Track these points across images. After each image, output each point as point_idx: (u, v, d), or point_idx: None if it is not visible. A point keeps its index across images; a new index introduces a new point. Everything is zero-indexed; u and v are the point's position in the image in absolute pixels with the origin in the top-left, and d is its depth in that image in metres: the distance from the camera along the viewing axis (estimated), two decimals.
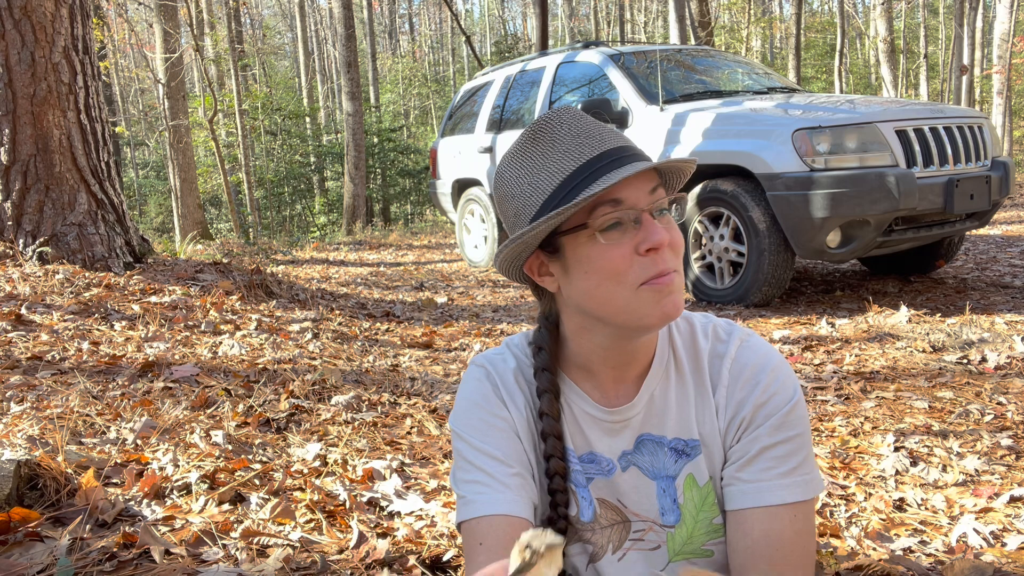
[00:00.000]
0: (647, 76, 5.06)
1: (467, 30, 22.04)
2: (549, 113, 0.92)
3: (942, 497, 1.86)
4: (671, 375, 0.98)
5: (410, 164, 19.69)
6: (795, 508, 0.91)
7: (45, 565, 1.40)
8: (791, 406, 0.93)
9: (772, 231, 3.96)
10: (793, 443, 0.92)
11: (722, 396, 0.95)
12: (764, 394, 0.93)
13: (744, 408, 0.94)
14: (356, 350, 3.55)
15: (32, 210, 4.14)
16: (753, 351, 0.96)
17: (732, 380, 0.95)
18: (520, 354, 1.03)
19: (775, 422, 0.92)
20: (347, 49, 12.82)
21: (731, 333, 0.98)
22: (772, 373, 0.94)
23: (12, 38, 4.04)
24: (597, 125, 0.91)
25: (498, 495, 0.92)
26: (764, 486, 0.91)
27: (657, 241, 0.86)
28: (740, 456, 0.93)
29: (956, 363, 2.93)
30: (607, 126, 0.92)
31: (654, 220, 0.87)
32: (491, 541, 0.89)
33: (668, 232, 0.88)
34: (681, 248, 0.90)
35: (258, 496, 1.80)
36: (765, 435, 0.92)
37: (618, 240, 0.87)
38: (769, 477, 0.91)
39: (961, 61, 15.36)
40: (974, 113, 4.27)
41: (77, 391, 2.45)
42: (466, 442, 0.97)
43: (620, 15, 32.26)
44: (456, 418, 1.00)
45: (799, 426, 0.93)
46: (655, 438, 0.98)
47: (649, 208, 0.87)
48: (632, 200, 0.86)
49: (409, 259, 7.78)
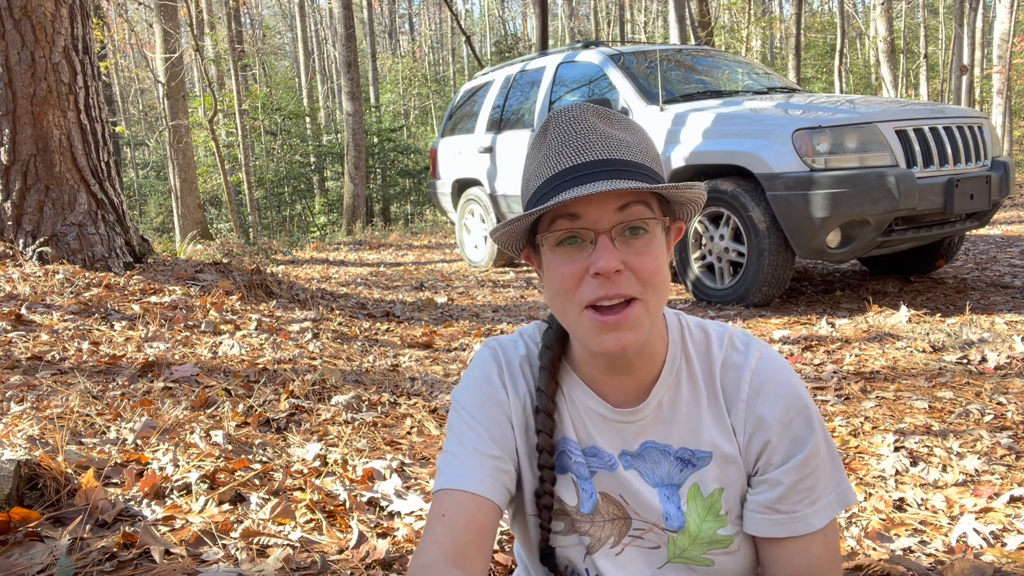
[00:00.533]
0: (647, 76, 5.06)
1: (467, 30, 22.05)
2: (556, 111, 0.92)
3: (942, 497, 1.86)
4: (682, 383, 0.96)
5: (410, 164, 19.69)
6: (825, 532, 0.93)
7: (45, 565, 1.40)
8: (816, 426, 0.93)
9: (772, 231, 3.96)
10: (820, 471, 0.92)
11: (741, 409, 0.94)
12: (787, 415, 0.92)
13: (766, 426, 0.93)
14: (356, 350, 3.55)
15: (32, 210, 4.14)
16: (772, 366, 0.95)
17: (752, 393, 0.94)
18: (531, 343, 1.03)
19: (804, 456, 0.92)
20: (347, 49, 12.82)
21: (748, 344, 0.97)
22: (790, 389, 0.93)
23: (12, 38, 4.04)
24: (590, 131, 0.88)
25: (471, 473, 0.92)
26: (799, 516, 0.92)
27: (601, 267, 0.83)
28: (773, 486, 0.93)
29: (956, 363, 2.93)
30: (606, 131, 0.88)
31: (611, 243, 0.84)
32: (452, 515, 0.89)
33: (636, 257, 0.85)
34: (651, 275, 0.85)
35: (258, 496, 1.80)
36: (793, 467, 0.92)
37: (572, 256, 0.86)
38: (802, 507, 0.92)
39: (961, 61, 15.36)
40: (974, 113, 4.27)
41: (77, 391, 2.44)
42: (458, 414, 0.98)
43: (620, 15, 32.27)
44: (458, 391, 1.02)
45: (821, 449, 0.93)
46: (660, 446, 0.97)
47: (610, 228, 0.84)
48: (592, 218, 0.84)
49: (409, 259, 7.78)
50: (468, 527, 0.88)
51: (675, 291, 4.90)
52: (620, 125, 0.90)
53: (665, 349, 0.97)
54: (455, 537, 0.87)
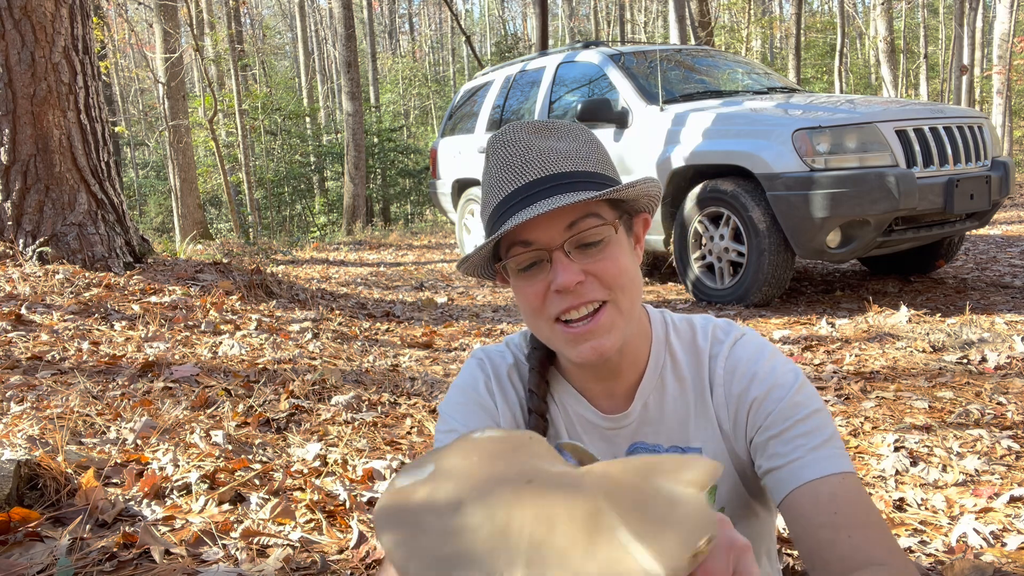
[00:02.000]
0: (647, 76, 5.06)
1: (467, 30, 22.04)
2: (494, 135, 0.90)
3: (942, 497, 1.86)
4: (667, 382, 0.96)
5: (410, 164, 19.69)
6: (842, 475, 0.84)
7: (45, 565, 1.39)
8: (796, 388, 0.89)
9: (772, 231, 3.96)
10: (813, 420, 0.87)
11: (720, 395, 0.94)
12: (762, 385, 0.90)
13: (744, 404, 0.91)
14: (356, 350, 3.55)
15: (32, 210, 4.14)
16: (745, 347, 0.94)
17: (727, 377, 0.93)
18: (518, 352, 1.03)
19: (785, 407, 0.88)
20: (347, 49, 12.82)
21: (728, 332, 0.97)
22: (766, 364, 0.91)
23: (12, 38, 4.04)
24: (526, 150, 0.86)
25: None
26: (799, 464, 0.85)
27: (560, 284, 0.83)
28: (764, 449, 0.90)
29: (956, 363, 2.93)
30: (541, 147, 0.86)
31: (566, 258, 0.84)
32: None
33: (595, 264, 0.85)
34: (614, 277, 0.85)
35: (258, 496, 1.80)
36: (780, 421, 0.88)
37: (534, 276, 0.86)
38: (801, 454, 0.86)
39: (961, 61, 15.35)
40: (974, 113, 4.27)
41: (77, 391, 2.44)
42: (445, 423, 0.98)
43: (620, 15, 32.27)
44: (444, 403, 1.01)
45: (814, 403, 0.89)
46: (650, 447, 0.96)
47: (562, 244, 0.84)
48: (543, 240, 0.84)
49: (409, 259, 7.78)
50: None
51: (675, 291, 4.90)
52: (557, 135, 0.88)
53: (649, 349, 0.96)
54: None
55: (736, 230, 4.18)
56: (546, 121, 0.90)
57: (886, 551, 0.79)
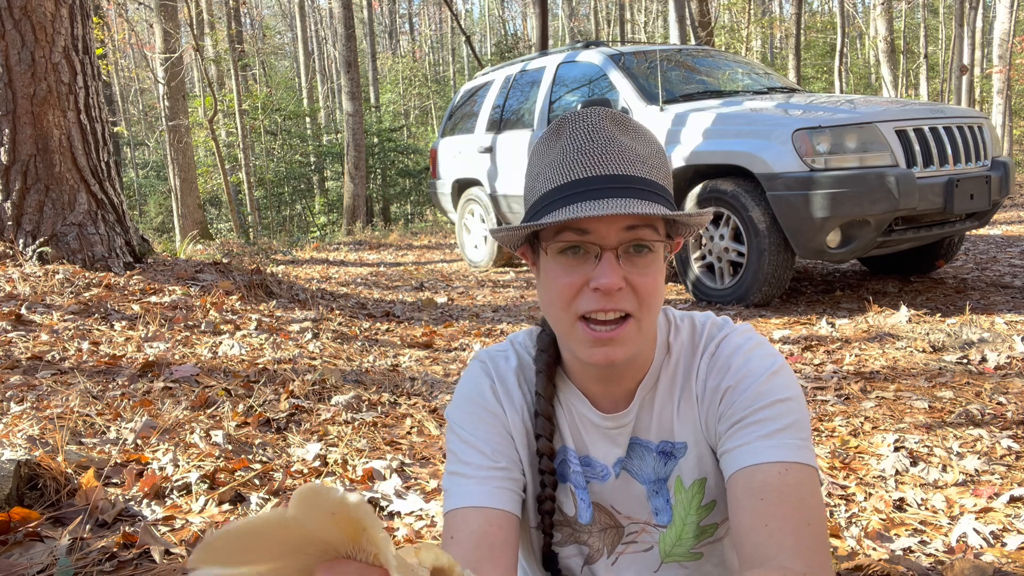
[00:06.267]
0: (647, 76, 5.06)
1: (467, 30, 22.04)
2: (575, 113, 0.89)
3: (942, 497, 1.86)
4: (660, 380, 0.97)
5: (410, 164, 19.68)
6: (785, 465, 0.83)
7: (45, 565, 1.39)
8: (765, 377, 0.89)
9: (772, 231, 3.96)
10: (775, 408, 0.87)
11: (701, 389, 0.94)
12: (734, 377, 0.90)
13: (718, 395, 0.91)
14: (356, 350, 3.55)
15: (32, 210, 4.14)
16: (730, 342, 0.94)
17: (708, 371, 0.94)
18: (523, 352, 1.02)
19: (750, 396, 0.88)
20: (347, 49, 12.82)
21: (721, 328, 0.97)
22: (743, 355, 0.91)
23: (12, 38, 4.04)
24: (608, 142, 0.85)
25: (475, 488, 0.92)
26: (744, 449, 0.85)
27: (604, 284, 0.83)
28: (724, 436, 0.90)
29: (956, 363, 2.93)
30: (624, 143, 0.86)
31: (616, 260, 0.84)
32: (462, 535, 0.89)
33: (637, 275, 0.84)
34: (649, 294, 0.85)
35: (258, 496, 1.80)
36: (741, 409, 0.88)
37: (574, 267, 0.86)
38: (750, 439, 0.86)
39: (961, 61, 15.35)
40: (974, 113, 4.27)
41: (77, 391, 2.44)
42: (456, 434, 0.97)
43: (620, 15, 32.26)
44: (450, 410, 1.01)
45: (780, 393, 0.88)
46: (643, 442, 0.97)
47: (617, 246, 0.84)
48: (600, 234, 0.84)
49: (409, 259, 7.78)
50: (480, 544, 0.88)
51: (675, 291, 4.90)
52: (637, 136, 0.88)
53: (652, 354, 0.97)
54: (465, 557, 0.86)
55: (736, 230, 4.18)
56: (625, 116, 0.89)
57: (806, 550, 0.78)
